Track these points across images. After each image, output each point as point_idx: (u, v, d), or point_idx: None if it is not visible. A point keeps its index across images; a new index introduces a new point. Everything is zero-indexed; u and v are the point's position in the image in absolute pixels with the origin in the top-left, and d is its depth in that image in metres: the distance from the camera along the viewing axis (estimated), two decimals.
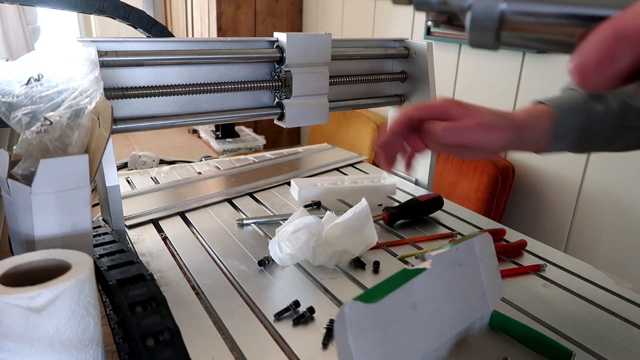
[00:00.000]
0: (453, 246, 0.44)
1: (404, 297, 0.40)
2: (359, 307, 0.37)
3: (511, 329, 0.46)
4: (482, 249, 0.46)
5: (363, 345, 0.37)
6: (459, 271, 0.44)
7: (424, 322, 0.41)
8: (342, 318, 0.36)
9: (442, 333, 0.42)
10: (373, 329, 0.37)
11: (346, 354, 0.36)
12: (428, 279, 0.41)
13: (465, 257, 0.45)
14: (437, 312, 0.42)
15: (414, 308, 0.40)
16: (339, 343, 0.37)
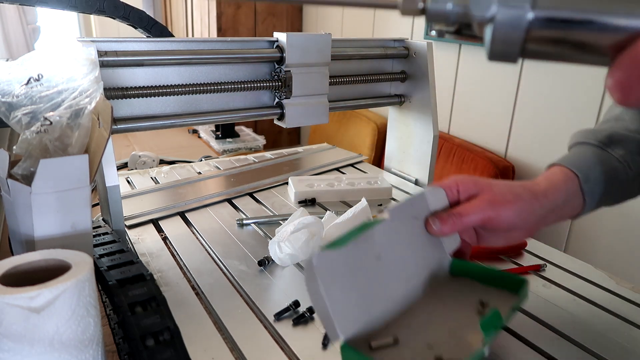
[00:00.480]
0: (407, 200, 0.47)
1: (367, 249, 0.42)
2: (326, 257, 0.38)
3: (471, 272, 0.48)
4: (435, 203, 0.48)
5: (335, 293, 0.38)
6: (415, 224, 0.47)
7: (389, 271, 0.44)
8: (311, 269, 0.38)
9: (408, 280, 0.45)
10: (342, 276, 0.39)
11: (320, 303, 0.38)
12: (388, 232, 0.44)
13: (419, 211, 0.47)
14: (400, 262, 0.45)
15: (378, 259, 0.43)
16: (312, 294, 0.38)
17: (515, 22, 0.23)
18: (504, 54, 0.24)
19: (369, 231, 0.42)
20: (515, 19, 0.23)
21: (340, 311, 0.38)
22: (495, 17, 0.23)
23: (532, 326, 0.48)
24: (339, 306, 0.38)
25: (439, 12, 0.25)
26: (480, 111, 1.53)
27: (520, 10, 0.23)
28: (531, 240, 0.66)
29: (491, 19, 0.23)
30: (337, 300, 0.38)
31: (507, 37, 0.23)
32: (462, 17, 0.25)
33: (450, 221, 0.45)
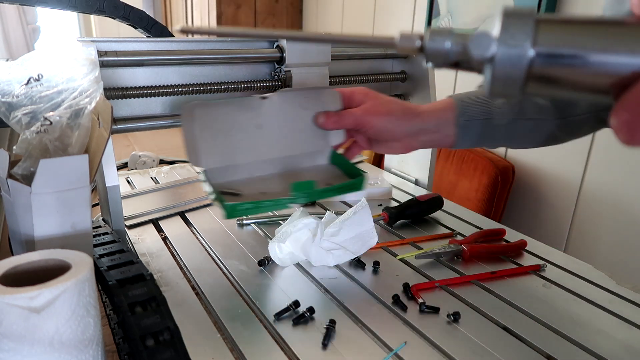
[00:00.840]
0: (300, 91, 0.59)
1: (251, 117, 0.55)
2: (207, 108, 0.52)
3: (341, 164, 0.61)
4: (329, 102, 0.59)
5: (206, 135, 0.52)
6: (304, 113, 0.59)
7: (264, 138, 0.56)
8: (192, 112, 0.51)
9: (280, 150, 0.58)
10: (217, 127, 0.53)
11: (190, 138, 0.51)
12: (274, 109, 0.57)
13: (310, 104, 0.59)
14: (279, 136, 0.57)
15: (259, 127, 0.56)
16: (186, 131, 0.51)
17: (515, 61, 0.22)
18: (504, 93, 0.24)
19: (256, 102, 0.56)
20: (516, 58, 0.22)
21: (207, 149, 0.52)
22: (495, 56, 0.22)
23: (532, 326, 0.48)
24: (207, 145, 0.52)
25: (438, 51, 0.24)
26: None
27: (521, 49, 0.22)
28: (531, 240, 0.66)
29: (491, 58, 0.23)
30: (207, 140, 0.52)
31: (507, 76, 0.23)
32: (461, 56, 0.24)
33: (332, 119, 0.57)
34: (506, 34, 0.22)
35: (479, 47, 0.23)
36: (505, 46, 0.22)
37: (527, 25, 0.22)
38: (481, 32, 0.23)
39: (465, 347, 0.45)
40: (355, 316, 0.49)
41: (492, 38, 0.22)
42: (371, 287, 0.54)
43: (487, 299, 0.53)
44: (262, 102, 0.56)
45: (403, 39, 0.25)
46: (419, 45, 0.25)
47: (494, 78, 0.23)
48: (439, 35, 0.24)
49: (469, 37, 0.23)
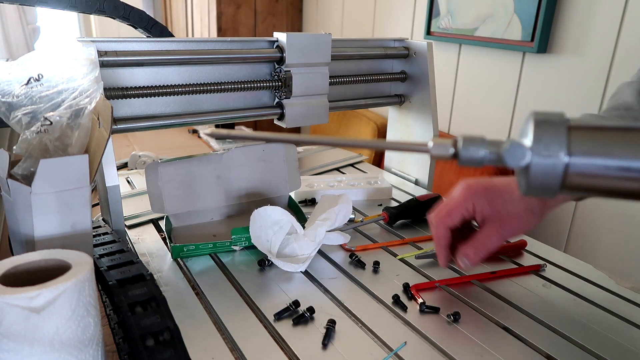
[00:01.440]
0: (259, 146, 0.67)
1: (211, 170, 0.64)
2: (169, 166, 0.62)
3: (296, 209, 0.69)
4: (287, 154, 0.69)
5: (171, 189, 0.62)
6: (263, 165, 0.68)
7: (223, 188, 0.66)
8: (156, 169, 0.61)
9: (237, 197, 0.67)
10: (180, 182, 0.62)
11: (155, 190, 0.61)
12: (233, 162, 0.66)
13: (270, 156, 0.68)
14: (237, 184, 0.67)
15: (218, 178, 0.65)
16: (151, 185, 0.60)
17: (550, 170, 0.23)
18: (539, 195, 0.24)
19: (215, 157, 0.64)
20: (550, 167, 0.22)
21: (170, 197, 0.62)
22: (530, 165, 0.23)
23: (532, 326, 0.48)
24: (170, 194, 0.62)
25: (472, 159, 0.25)
26: (480, 111, 1.53)
27: (555, 159, 0.22)
28: (531, 240, 0.66)
29: (526, 167, 0.23)
30: (170, 190, 0.62)
31: (542, 183, 0.23)
32: (495, 163, 0.24)
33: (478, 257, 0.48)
34: (540, 144, 0.22)
35: (514, 157, 0.23)
36: (539, 156, 0.22)
37: (560, 134, 0.22)
38: (515, 143, 0.23)
39: (465, 347, 0.45)
40: (355, 316, 0.49)
41: (526, 148, 0.23)
42: (371, 287, 0.54)
43: (487, 299, 0.53)
44: (221, 156, 0.65)
45: (436, 146, 0.26)
46: (452, 153, 0.25)
47: (529, 185, 0.23)
48: (472, 144, 0.25)
49: (503, 147, 0.24)
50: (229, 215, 0.68)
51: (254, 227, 0.58)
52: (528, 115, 0.24)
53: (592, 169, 0.22)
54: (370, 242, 0.65)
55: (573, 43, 1.22)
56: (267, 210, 0.58)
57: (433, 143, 0.26)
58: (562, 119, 0.23)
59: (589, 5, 1.15)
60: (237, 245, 0.60)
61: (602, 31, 1.14)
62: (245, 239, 0.60)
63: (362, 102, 0.85)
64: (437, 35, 1.59)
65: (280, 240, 0.58)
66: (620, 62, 1.13)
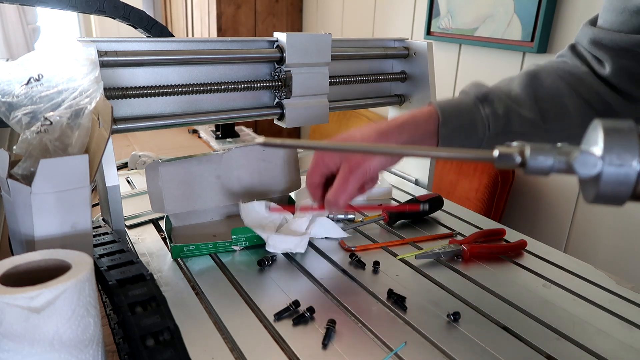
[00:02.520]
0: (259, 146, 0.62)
1: (211, 170, 0.64)
2: (169, 166, 0.61)
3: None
4: (287, 154, 0.69)
5: (171, 189, 0.62)
6: (263, 165, 0.68)
7: (223, 188, 0.66)
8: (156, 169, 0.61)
9: (237, 197, 0.67)
10: (180, 182, 0.62)
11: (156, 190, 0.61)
12: (233, 163, 0.66)
13: (270, 157, 0.68)
14: (236, 184, 0.67)
15: (217, 178, 0.65)
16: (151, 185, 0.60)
17: (622, 180, 0.22)
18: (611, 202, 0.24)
19: (215, 156, 0.64)
20: (623, 177, 0.22)
21: (170, 197, 0.62)
22: (602, 174, 0.22)
23: (532, 326, 0.48)
24: (170, 194, 0.62)
25: (540, 168, 0.24)
26: None
27: (628, 168, 0.22)
28: (531, 240, 0.66)
29: (597, 176, 0.23)
30: (170, 190, 0.62)
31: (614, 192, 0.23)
32: (563, 172, 0.24)
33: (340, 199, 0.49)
34: (612, 153, 0.22)
35: (585, 167, 0.23)
36: (612, 166, 0.22)
37: (632, 143, 0.22)
38: (586, 152, 0.23)
39: (465, 347, 0.45)
40: (355, 316, 0.49)
41: (597, 157, 0.22)
42: (371, 287, 0.54)
43: (487, 299, 0.53)
44: (221, 155, 0.65)
45: (502, 156, 0.25)
46: (520, 162, 0.25)
47: (598, 194, 0.23)
48: (541, 153, 0.24)
49: (574, 157, 0.23)
50: (229, 215, 0.68)
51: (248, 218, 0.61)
52: (594, 123, 0.24)
53: None
54: (370, 242, 0.65)
55: None
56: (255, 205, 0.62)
57: (499, 152, 0.26)
58: (632, 126, 0.23)
59: (589, 5, 1.15)
60: (237, 245, 0.60)
61: None
62: (246, 239, 0.60)
63: (362, 102, 0.85)
64: (437, 35, 1.59)
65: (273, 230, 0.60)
66: None
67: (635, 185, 0.22)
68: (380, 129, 0.51)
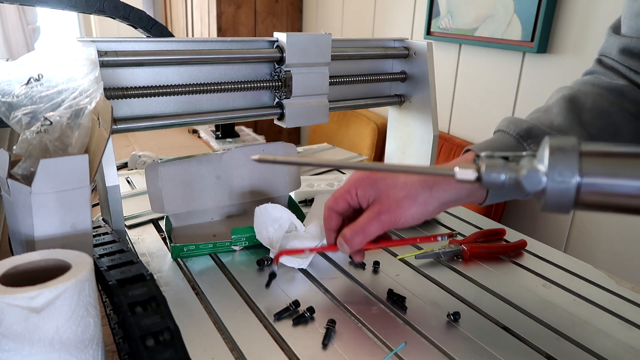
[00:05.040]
0: (259, 146, 0.69)
1: (211, 170, 0.64)
2: (169, 166, 0.62)
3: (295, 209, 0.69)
4: (287, 154, 0.69)
5: (171, 189, 0.62)
6: (263, 165, 0.67)
7: (223, 188, 0.66)
8: (156, 169, 0.61)
9: (237, 197, 0.67)
10: (180, 182, 0.62)
11: (156, 190, 0.61)
12: (233, 163, 0.66)
13: None
14: (237, 184, 0.67)
15: (217, 178, 0.65)
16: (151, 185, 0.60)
17: (563, 193, 0.25)
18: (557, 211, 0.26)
19: (215, 156, 0.64)
20: (564, 191, 0.25)
21: (170, 197, 0.62)
22: (546, 189, 0.25)
23: (532, 326, 0.48)
24: (170, 194, 0.62)
25: (494, 183, 0.27)
26: (480, 111, 1.53)
27: (568, 184, 0.25)
28: (531, 240, 0.66)
29: (542, 190, 0.25)
30: (170, 190, 0.61)
31: (557, 204, 0.25)
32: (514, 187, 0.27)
33: (355, 240, 0.47)
34: (554, 171, 0.25)
35: (531, 183, 0.26)
36: (554, 182, 0.25)
37: (572, 161, 0.25)
38: (532, 170, 0.26)
39: (465, 347, 0.45)
40: (355, 316, 0.49)
41: (541, 175, 0.25)
42: (371, 287, 0.54)
43: (487, 299, 0.53)
44: (221, 155, 0.65)
45: (461, 172, 0.28)
46: (476, 177, 0.28)
47: (546, 205, 0.26)
48: (494, 170, 0.27)
49: (522, 174, 0.26)
50: (229, 215, 0.68)
51: (257, 223, 0.59)
52: (544, 141, 0.26)
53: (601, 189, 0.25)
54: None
55: (573, 43, 1.22)
56: (268, 207, 0.58)
57: (458, 169, 0.29)
58: (574, 145, 0.25)
59: (589, 5, 1.15)
60: (237, 245, 0.60)
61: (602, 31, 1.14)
62: (245, 239, 0.60)
63: (362, 102, 0.85)
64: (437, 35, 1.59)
65: (280, 237, 0.58)
66: None
67: (575, 197, 0.25)
68: (426, 179, 0.47)
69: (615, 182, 0.25)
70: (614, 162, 0.25)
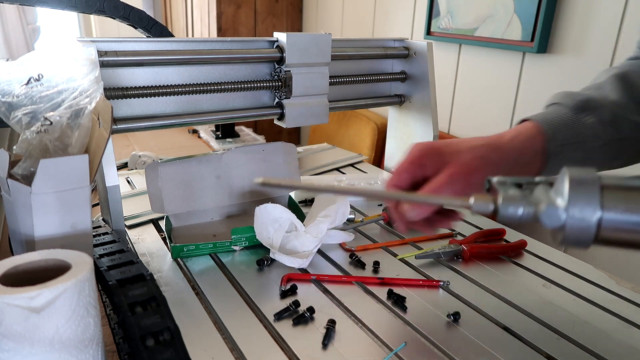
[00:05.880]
0: (259, 146, 0.68)
1: (211, 170, 0.65)
2: (169, 166, 0.62)
3: (296, 209, 0.69)
4: (287, 154, 0.70)
5: (171, 189, 0.62)
6: (263, 165, 0.68)
7: (223, 188, 0.66)
8: (156, 169, 0.61)
9: (237, 197, 0.67)
10: (180, 182, 0.63)
11: (156, 190, 0.61)
12: (233, 163, 0.66)
13: (270, 157, 0.68)
14: (237, 184, 0.67)
15: (217, 178, 0.65)
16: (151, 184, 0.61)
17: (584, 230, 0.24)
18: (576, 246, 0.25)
19: (215, 156, 0.65)
20: (585, 228, 0.24)
21: (170, 197, 0.62)
22: (565, 226, 0.24)
23: (532, 326, 0.48)
24: (170, 194, 0.62)
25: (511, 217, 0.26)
26: (480, 111, 1.53)
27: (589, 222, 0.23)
28: (531, 240, 0.66)
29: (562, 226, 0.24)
30: (170, 190, 0.62)
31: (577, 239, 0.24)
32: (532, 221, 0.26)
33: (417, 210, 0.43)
34: (574, 207, 0.23)
35: (550, 220, 0.25)
36: (573, 220, 0.24)
37: (593, 196, 0.23)
38: (551, 206, 0.25)
39: (465, 347, 0.45)
40: (355, 316, 0.49)
41: (561, 211, 0.24)
42: (371, 287, 0.54)
43: (487, 299, 0.53)
44: (221, 155, 0.65)
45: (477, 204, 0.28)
46: (492, 209, 0.27)
47: (564, 241, 0.25)
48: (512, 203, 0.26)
49: (541, 210, 0.25)
50: (229, 215, 0.68)
51: (258, 223, 0.58)
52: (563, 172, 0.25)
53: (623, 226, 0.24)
54: (370, 242, 0.65)
55: (573, 43, 1.22)
56: (268, 207, 0.58)
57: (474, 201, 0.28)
58: (595, 178, 0.24)
59: (589, 5, 1.15)
60: (237, 245, 0.60)
61: (602, 31, 1.14)
62: (245, 239, 0.60)
63: (362, 102, 0.85)
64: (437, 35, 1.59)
65: (280, 237, 0.58)
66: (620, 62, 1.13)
67: (595, 234, 0.24)
68: (492, 141, 0.46)
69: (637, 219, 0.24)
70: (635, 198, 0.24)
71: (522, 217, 0.26)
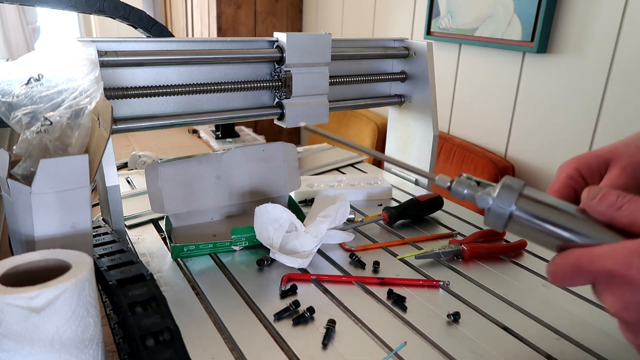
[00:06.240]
0: (259, 146, 0.68)
1: (211, 170, 0.65)
2: (169, 166, 0.62)
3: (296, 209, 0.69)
4: (287, 154, 0.69)
5: (171, 189, 0.62)
6: (263, 165, 0.68)
7: (223, 188, 0.66)
8: (156, 169, 0.61)
9: (237, 197, 0.67)
10: (180, 182, 0.63)
11: (156, 190, 0.61)
12: (233, 163, 0.66)
13: (270, 157, 0.68)
14: (237, 184, 0.67)
15: (217, 178, 0.65)
16: (151, 184, 0.61)
17: (500, 216, 0.35)
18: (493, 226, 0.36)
19: (215, 156, 0.65)
20: (500, 215, 0.35)
21: (170, 197, 0.62)
22: (490, 209, 0.35)
23: (532, 326, 0.48)
24: (170, 194, 0.62)
25: (458, 193, 0.36)
26: (480, 111, 1.53)
27: (505, 211, 0.34)
28: None
29: (488, 209, 0.35)
30: (170, 190, 0.62)
31: (495, 221, 0.35)
32: (470, 200, 0.36)
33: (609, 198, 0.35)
34: (498, 200, 0.34)
35: (482, 202, 0.35)
36: (496, 207, 0.35)
37: (512, 197, 0.34)
38: (485, 194, 0.35)
39: (465, 347, 0.45)
40: (355, 316, 0.49)
41: (490, 199, 0.35)
42: (371, 287, 0.54)
43: (487, 299, 0.53)
44: (221, 155, 0.65)
45: (439, 180, 0.37)
46: (448, 186, 0.37)
47: (487, 219, 0.35)
48: (460, 186, 0.36)
49: (477, 194, 0.36)
50: (229, 215, 0.68)
51: (258, 223, 0.58)
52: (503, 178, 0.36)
53: (526, 222, 0.34)
54: (370, 242, 0.65)
55: (573, 43, 1.22)
56: (268, 207, 0.58)
57: (438, 177, 0.37)
58: (520, 186, 0.34)
59: (589, 5, 1.15)
60: (237, 245, 0.60)
61: (602, 31, 1.14)
62: (245, 239, 0.60)
63: (362, 102, 0.85)
64: (437, 35, 1.59)
65: (280, 237, 0.58)
66: (620, 62, 1.13)
67: (507, 221, 0.35)
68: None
69: (535, 221, 0.34)
70: (540, 208, 0.34)
71: (465, 196, 0.36)
